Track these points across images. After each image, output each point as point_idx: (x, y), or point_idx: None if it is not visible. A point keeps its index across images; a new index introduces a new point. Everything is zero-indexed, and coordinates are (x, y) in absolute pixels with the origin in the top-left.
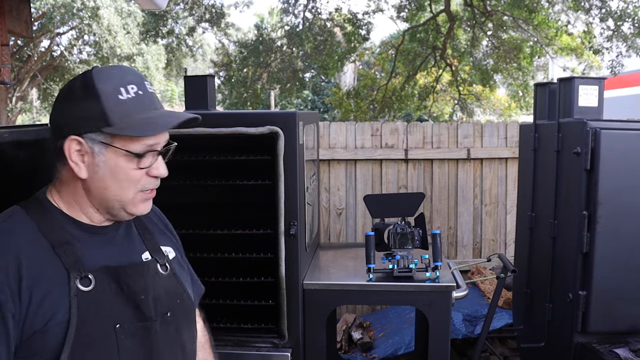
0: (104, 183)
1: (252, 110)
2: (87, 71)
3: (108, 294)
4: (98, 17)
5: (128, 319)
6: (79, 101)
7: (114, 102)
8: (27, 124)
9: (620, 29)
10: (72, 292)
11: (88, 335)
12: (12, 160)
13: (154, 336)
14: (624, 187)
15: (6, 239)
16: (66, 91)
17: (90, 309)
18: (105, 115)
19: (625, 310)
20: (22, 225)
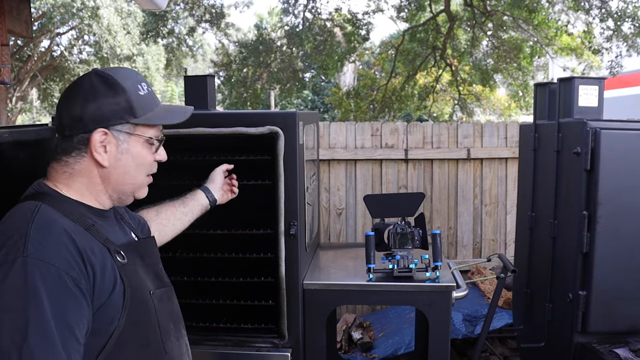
0: (124, 169)
1: (252, 110)
2: (99, 71)
3: (137, 265)
4: (98, 17)
5: (154, 285)
6: (106, 97)
7: (136, 96)
8: (27, 124)
9: (620, 29)
10: (118, 265)
11: (136, 302)
12: (12, 160)
13: (173, 299)
14: (624, 187)
15: (53, 225)
16: (87, 89)
17: (133, 279)
18: (132, 108)
19: (625, 310)
20: (54, 213)
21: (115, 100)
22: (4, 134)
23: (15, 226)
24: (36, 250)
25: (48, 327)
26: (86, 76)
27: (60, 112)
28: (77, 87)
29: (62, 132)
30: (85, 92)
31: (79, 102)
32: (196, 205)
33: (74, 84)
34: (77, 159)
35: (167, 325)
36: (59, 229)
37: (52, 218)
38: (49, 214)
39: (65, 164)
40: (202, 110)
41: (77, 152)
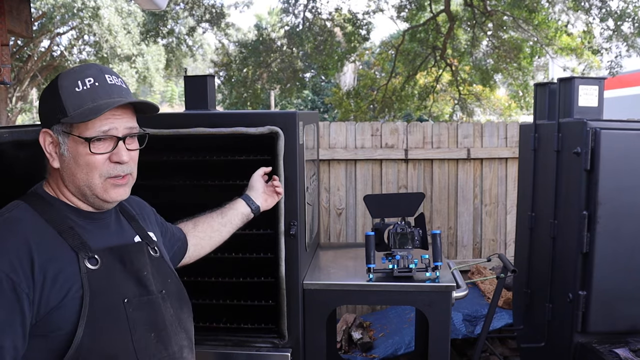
0: (71, 170)
1: (252, 110)
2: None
3: (114, 272)
4: (98, 17)
5: (134, 294)
6: (47, 99)
7: (69, 94)
8: (27, 124)
9: (620, 29)
10: (82, 271)
11: (100, 309)
12: (12, 160)
13: (157, 309)
14: (624, 187)
15: (14, 226)
16: (42, 93)
17: (100, 286)
18: (63, 107)
19: (625, 310)
20: (27, 214)
21: (52, 100)
22: (4, 134)
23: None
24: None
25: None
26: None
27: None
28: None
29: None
30: (40, 96)
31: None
32: (236, 215)
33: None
34: (46, 160)
35: (146, 336)
36: (20, 230)
37: (18, 218)
38: (20, 214)
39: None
40: (202, 110)
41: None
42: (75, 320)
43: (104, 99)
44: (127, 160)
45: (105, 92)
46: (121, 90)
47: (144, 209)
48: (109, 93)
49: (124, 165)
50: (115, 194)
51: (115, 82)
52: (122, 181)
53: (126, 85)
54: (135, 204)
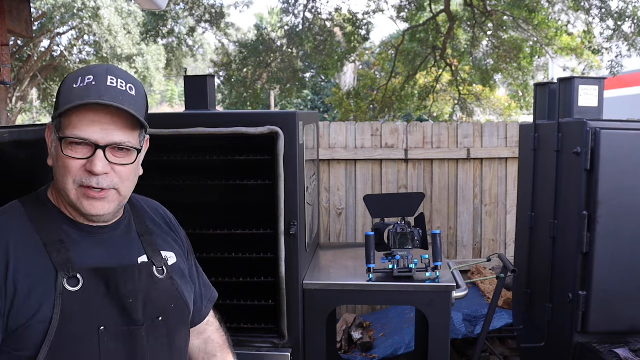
0: (55, 170)
1: (252, 110)
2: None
3: (95, 295)
4: (98, 17)
5: (113, 322)
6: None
7: (66, 90)
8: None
9: (620, 29)
10: (57, 291)
11: (70, 335)
12: (12, 160)
13: (138, 341)
14: (624, 187)
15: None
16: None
17: (75, 309)
18: (58, 102)
19: (625, 310)
20: (16, 220)
21: (57, 95)
22: (4, 134)
23: None
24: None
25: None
26: None
27: None
28: None
29: None
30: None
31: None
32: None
33: None
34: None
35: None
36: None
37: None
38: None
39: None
40: (202, 110)
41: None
42: (39, 343)
43: (90, 98)
44: (100, 171)
45: (97, 92)
46: (118, 94)
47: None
48: (99, 94)
49: (99, 177)
50: (90, 206)
51: (114, 85)
52: (99, 194)
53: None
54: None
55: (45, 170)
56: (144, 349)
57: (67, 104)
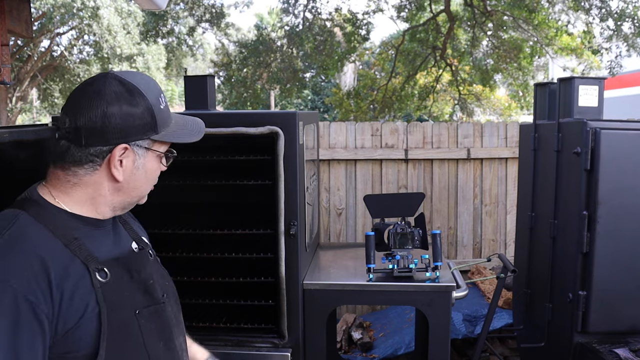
0: (135, 183)
1: (252, 110)
2: (120, 77)
3: (122, 283)
4: (98, 17)
5: (142, 304)
6: (131, 110)
7: (158, 111)
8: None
9: (620, 29)
10: (95, 286)
11: (117, 324)
12: (12, 160)
13: (163, 316)
14: (624, 187)
15: (22, 242)
16: (110, 98)
17: (114, 299)
18: (155, 125)
19: (625, 310)
20: (32, 227)
21: (140, 114)
22: (4, 134)
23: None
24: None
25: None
26: (106, 82)
27: (74, 117)
28: (98, 94)
29: (76, 141)
30: (109, 102)
31: (100, 112)
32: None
33: (92, 89)
34: (89, 170)
35: (157, 346)
36: (29, 246)
37: (25, 232)
38: (25, 227)
39: (73, 174)
40: (202, 110)
41: (90, 165)
42: (96, 340)
43: (172, 118)
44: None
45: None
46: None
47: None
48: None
49: None
50: (146, 198)
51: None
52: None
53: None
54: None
55: (44, 169)
56: (170, 324)
57: (167, 126)
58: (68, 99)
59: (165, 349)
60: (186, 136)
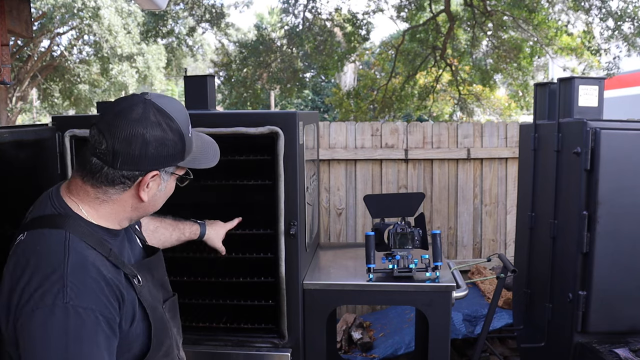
0: (156, 202)
1: (252, 110)
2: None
3: (148, 283)
4: (98, 17)
5: (164, 298)
6: (167, 142)
7: (188, 140)
8: (27, 124)
9: (620, 29)
10: (137, 290)
11: (154, 319)
12: (12, 160)
13: (177, 307)
14: (624, 187)
15: (87, 267)
16: (151, 127)
17: (148, 299)
18: (184, 154)
19: (625, 310)
20: (83, 248)
21: (174, 144)
22: (4, 134)
23: (49, 263)
24: (76, 297)
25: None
26: (146, 109)
27: (112, 141)
28: (138, 122)
29: (111, 163)
30: (148, 131)
31: (139, 140)
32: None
33: (132, 116)
34: (119, 190)
35: (173, 331)
36: (92, 267)
37: (84, 255)
38: (80, 250)
39: (103, 192)
40: (202, 110)
41: (121, 186)
42: (147, 333)
43: (206, 149)
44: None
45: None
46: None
47: None
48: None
49: None
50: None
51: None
52: None
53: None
54: None
55: (44, 169)
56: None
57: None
58: (105, 118)
59: (178, 335)
60: (205, 161)
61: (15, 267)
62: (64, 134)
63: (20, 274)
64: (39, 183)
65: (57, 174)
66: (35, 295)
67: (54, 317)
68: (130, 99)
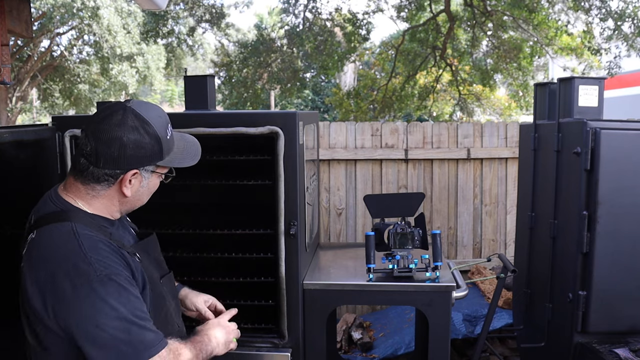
0: (141, 197)
1: (252, 110)
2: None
3: (148, 262)
4: (98, 17)
5: (160, 274)
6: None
7: (165, 141)
8: (27, 124)
9: (620, 29)
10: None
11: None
12: (12, 160)
13: (173, 282)
14: (624, 187)
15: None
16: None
17: (149, 274)
18: (162, 154)
19: (625, 310)
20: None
21: (150, 146)
22: (4, 134)
23: (69, 250)
24: (103, 268)
25: (134, 321)
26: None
27: (95, 144)
28: (117, 127)
29: (95, 163)
30: (126, 135)
31: (117, 144)
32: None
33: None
34: (104, 187)
35: (171, 303)
36: (103, 245)
37: (92, 237)
38: (86, 232)
39: (91, 189)
40: (202, 110)
41: (106, 183)
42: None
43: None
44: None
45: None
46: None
47: None
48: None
49: None
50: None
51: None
52: None
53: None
54: None
55: (44, 169)
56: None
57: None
58: (90, 123)
59: (175, 306)
60: (186, 160)
61: (37, 262)
62: (63, 134)
63: (46, 266)
64: (39, 183)
65: (57, 174)
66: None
67: (95, 291)
68: (114, 105)
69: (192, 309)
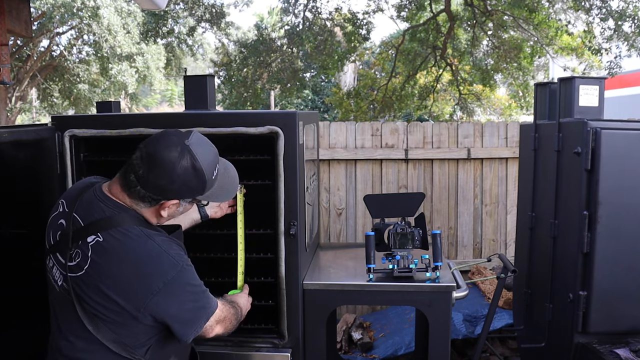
0: (174, 217)
1: (252, 110)
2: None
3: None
4: (98, 16)
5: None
6: (190, 183)
7: (210, 182)
8: (27, 124)
9: (620, 29)
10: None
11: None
12: (11, 160)
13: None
14: (624, 187)
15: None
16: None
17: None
18: (203, 190)
19: (626, 310)
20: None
21: (195, 186)
22: (4, 134)
23: (150, 249)
24: (182, 259)
25: (203, 290)
26: (183, 155)
27: (148, 171)
28: (172, 165)
29: (143, 186)
30: (177, 174)
31: (167, 178)
32: (186, 219)
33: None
34: (147, 205)
35: None
36: (168, 239)
37: (159, 236)
38: (152, 233)
39: (135, 203)
40: (201, 110)
41: (148, 203)
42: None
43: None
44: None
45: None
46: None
47: None
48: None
49: None
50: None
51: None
52: None
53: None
54: None
55: (44, 169)
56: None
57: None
58: (149, 145)
59: None
60: (222, 197)
61: (121, 263)
62: (63, 134)
63: (132, 266)
64: (39, 183)
65: (57, 173)
66: (161, 274)
67: (183, 278)
68: (175, 138)
69: None
